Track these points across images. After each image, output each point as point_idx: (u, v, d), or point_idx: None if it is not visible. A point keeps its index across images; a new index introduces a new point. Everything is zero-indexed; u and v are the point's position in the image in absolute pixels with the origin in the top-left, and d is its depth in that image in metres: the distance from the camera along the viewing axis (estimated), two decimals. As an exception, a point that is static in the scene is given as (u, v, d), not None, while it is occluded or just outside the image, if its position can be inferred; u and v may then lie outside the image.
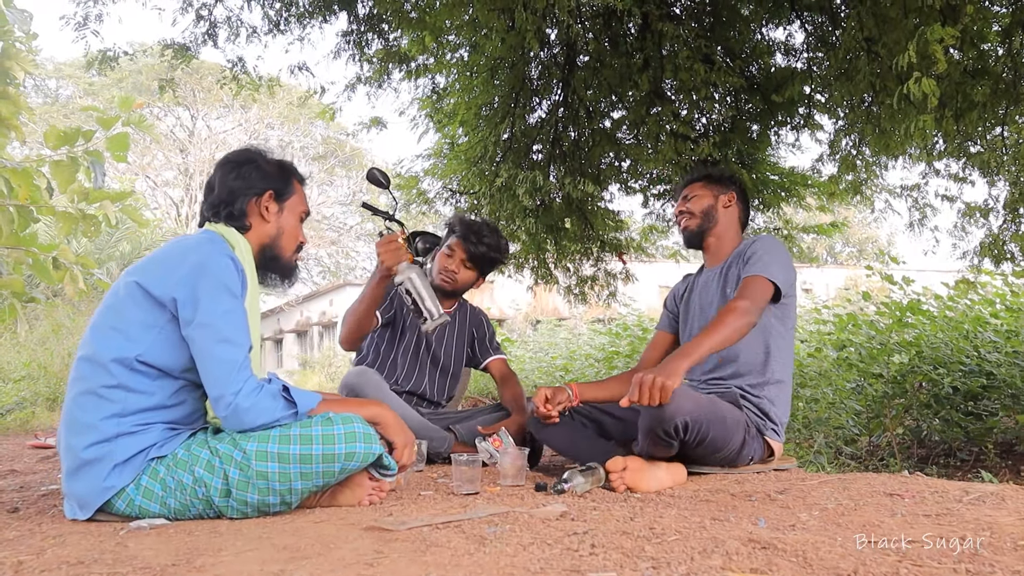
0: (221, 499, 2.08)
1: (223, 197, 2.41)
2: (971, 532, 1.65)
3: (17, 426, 6.71)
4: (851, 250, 34.87)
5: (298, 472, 2.07)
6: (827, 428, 4.90)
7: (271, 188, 2.45)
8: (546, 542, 1.66)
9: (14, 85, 3.38)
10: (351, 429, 2.13)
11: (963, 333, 5.54)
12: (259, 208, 2.43)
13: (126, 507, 2.08)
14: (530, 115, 6.90)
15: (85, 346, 2.16)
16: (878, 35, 4.60)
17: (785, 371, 3.00)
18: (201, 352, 2.10)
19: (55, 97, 26.65)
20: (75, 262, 3.63)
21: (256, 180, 2.43)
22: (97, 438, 2.07)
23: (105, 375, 2.08)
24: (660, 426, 2.52)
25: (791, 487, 2.38)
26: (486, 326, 4.01)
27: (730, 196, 3.24)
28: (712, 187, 3.26)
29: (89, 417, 2.08)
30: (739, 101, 6.50)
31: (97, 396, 2.08)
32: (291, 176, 2.53)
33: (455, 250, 3.73)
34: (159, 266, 2.18)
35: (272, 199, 2.45)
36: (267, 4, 6.45)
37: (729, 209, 3.24)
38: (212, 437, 2.16)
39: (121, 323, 2.13)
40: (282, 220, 2.48)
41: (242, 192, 2.41)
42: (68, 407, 2.15)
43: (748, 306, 2.73)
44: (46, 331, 10.35)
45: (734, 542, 1.60)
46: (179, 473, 2.08)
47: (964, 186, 6.84)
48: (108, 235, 16.18)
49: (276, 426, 2.12)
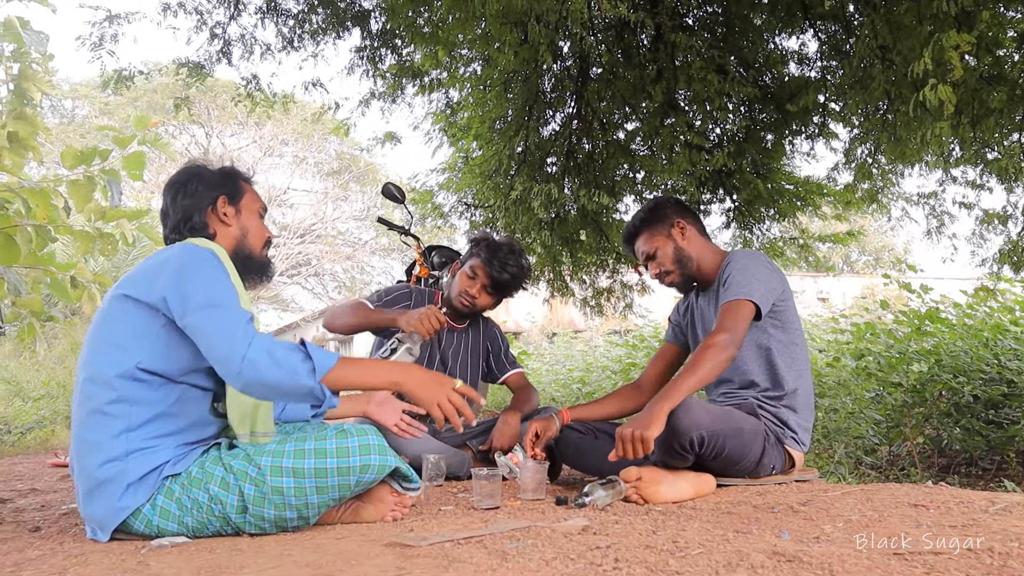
0: (238, 515, 2.07)
1: (179, 217, 2.44)
2: (998, 543, 1.62)
3: (37, 444, 6.74)
4: (867, 259, 34.66)
5: (313, 487, 2.07)
6: (847, 438, 4.86)
7: (221, 194, 2.47)
8: (569, 557, 1.65)
9: (31, 106, 3.41)
10: (365, 441, 2.12)
11: (983, 341, 5.49)
12: (217, 215, 2.45)
13: (144, 527, 2.08)
14: (544, 128, 6.91)
15: (85, 367, 2.16)
16: (892, 43, 4.58)
17: (799, 378, 2.95)
18: (201, 329, 2.04)
19: (71, 117, 26.86)
20: (93, 281, 3.65)
21: (204, 192, 2.46)
22: (108, 457, 2.06)
23: (108, 391, 2.08)
24: (675, 440, 2.51)
25: (814, 498, 2.36)
26: (500, 340, 3.98)
27: (679, 225, 3.10)
28: (657, 229, 3.12)
29: (98, 436, 2.08)
30: (753, 111, 6.48)
31: (103, 414, 2.08)
32: (236, 178, 2.56)
33: (477, 274, 3.64)
34: (143, 275, 2.18)
35: (226, 203, 2.47)
36: (281, 22, 6.49)
37: (688, 235, 3.11)
38: (226, 454, 2.14)
39: (116, 337, 2.13)
40: (243, 220, 2.50)
41: (195, 207, 2.44)
42: (76, 430, 2.15)
43: (726, 339, 2.67)
44: (65, 350, 10.41)
45: (758, 555, 1.58)
46: (194, 492, 2.08)
47: (982, 193, 6.78)
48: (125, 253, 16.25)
49: (296, 388, 2.01)
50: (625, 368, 8.29)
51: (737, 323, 2.74)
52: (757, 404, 2.87)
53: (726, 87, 5.47)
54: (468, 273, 3.66)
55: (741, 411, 2.78)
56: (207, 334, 2.04)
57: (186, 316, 2.06)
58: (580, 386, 8.68)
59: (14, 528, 2.42)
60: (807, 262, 7.88)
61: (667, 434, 2.52)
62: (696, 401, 2.60)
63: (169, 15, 6.47)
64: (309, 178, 30.78)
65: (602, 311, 8.07)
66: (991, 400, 4.97)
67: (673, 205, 3.17)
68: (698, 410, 2.53)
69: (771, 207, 6.97)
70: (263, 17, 6.51)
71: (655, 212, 3.13)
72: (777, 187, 6.77)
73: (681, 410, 2.52)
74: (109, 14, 6.43)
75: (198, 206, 2.43)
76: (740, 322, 2.75)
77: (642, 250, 3.15)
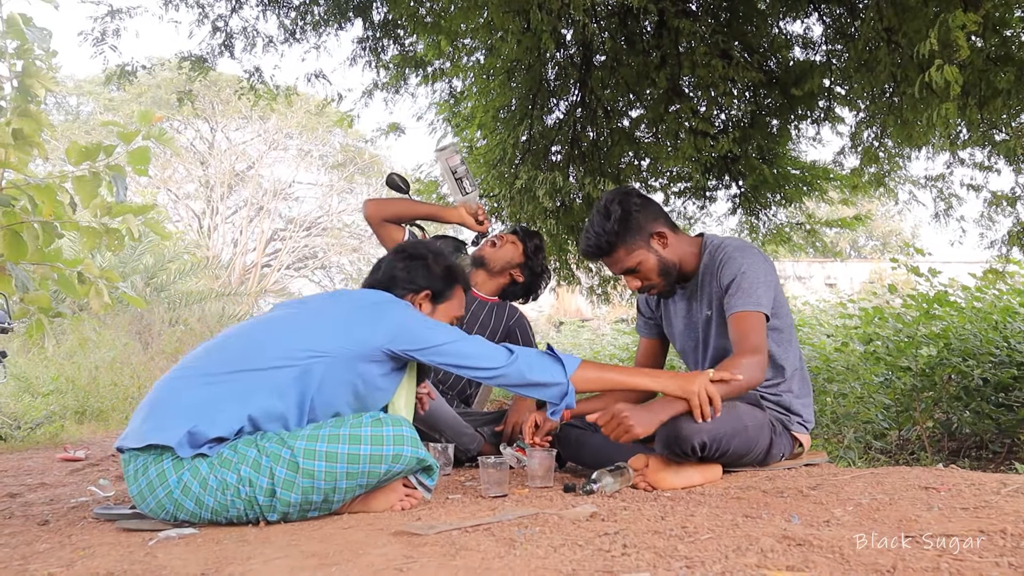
0: (265, 498, 2.07)
1: (385, 280, 2.61)
2: (1011, 524, 1.61)
3: (46, 439, 6.76)
4: (875, 243, 34.55)
5: (344, 472, 2.08)
6: (856, 423, 4.85)
7: (430, 289, 2.61)
8: (577, 543, 1.64)
9: (35, 103, 3.40)
10: (400, 432, 2.14)
11: (992, 324, 5.46)
12: (416, 303, 2.58)
13: (164, 498, 2.07)
14: (548, 116, 6.90)
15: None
16: (898, 24, 4.55)
17: (794, 359, 2.90)
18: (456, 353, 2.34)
19: (76, 114, 26.87)
20: (100, 276, 3.65)
21: (419, 278, 2.61)
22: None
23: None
24: (677, 446, 2.48)
25: (823, 482, 2.35)
26: (520, 334, 4.05)
27: (658, 234, 2.87)
28: (635, 243, 2.86)
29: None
30: (758, 96, 6.46)
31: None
32: (455, 282, 2.68)
33: (504, 239, 3.96)
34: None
35: (428, 299, 2.61)
36: (283, 13, 6.49)
37: (668, 242, 2.89)
38: (260, 436, 2.14)
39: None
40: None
41: (402, 284, 2.59)
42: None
43: (756, 362, 2.60)
44: (73, 345, 10.43)
45: (768, 540, 1.57)
46: (223, 472, 2.06)
47: (990, 175, 6.77)
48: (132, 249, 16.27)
49: (550, 385, 2.34)
50: (632, 355, 8.27)
51: (761, 341, 2.66)
52: (760, 395, 2.84)
53: (731, 72, 5.44)
54: (512, 245, 3.99)
55: (745, 403, 2.73)
56: (466, 356, 2.34)
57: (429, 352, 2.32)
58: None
59: (23, 522, 2.42)
60: (814, 247, 7.85)
61: (669, 439, 2.49)
62: None
63: (171, 9, 6.48)
64: (314, 171, 30.79)
65: (609, 299, 8.05)
66: (1001, 383, 4.94)
67: (642, 209, 2.88)
68: None
69: (777, 192, 6.95)
70: (265, 9, 6.51)
71: (628, 223, 2.83)
72: (783, 172, 6.75)
73: (683, 417, 2.48)
74: (111, 9, 6.44)
75: (405, 285, 2.59)
76: (759, 334, 2.68)
77: (621, 265, 2.90)
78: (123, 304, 3.66)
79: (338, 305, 2.42)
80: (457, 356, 2.32)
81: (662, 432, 2.52)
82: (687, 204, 7.46)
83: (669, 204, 7.50)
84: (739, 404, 2.70)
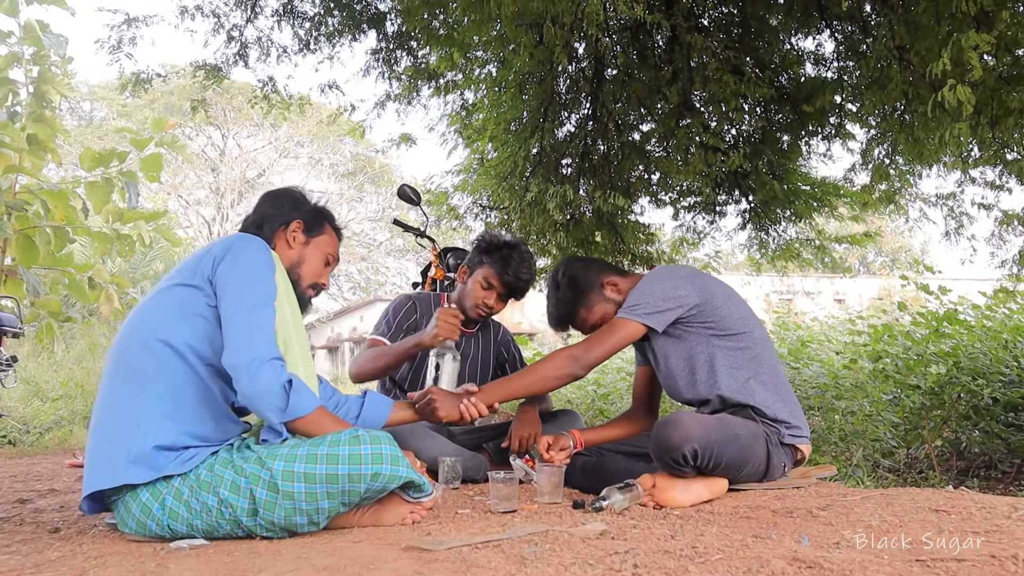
0: (248, 519, 2.08)
1: (254, 220, 2.55)
2: (1022, 550, 1.61)
3: (55, 445, 6.78)
4: (884, 260, 34.48)
5: (324, 492, 2.07)
6: (865, 441, 4.83)
7: (301, 219, 2.56)
8: (587, 562, 1.64)
9: (50, 108, 3.44)
10: (378, 450, 2.12)
11: (1002, 343, 5.45)
12: (286, 235, 2.54)
13: (157, 527, 2.10)
14: (559, 129, 6.90)
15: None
16: (910, 43, 4.55)
17: (754, 368, 2.84)
18: (233, 324, 2.18)
19: (89, 119, 27.04)
20: (110, 281, 3.67)
21: (288, 209, 2.57)
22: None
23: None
24: (668, 455, 2.48)
25: (833, 503, 2.34)
26: (514, 348, 4.04)
27: (609, 282, 3.08)
28: (592, 300, 3.07)
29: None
30: (769, 112, 6.46)
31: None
32: (325, 219, 2.65)
33: (492, 284, 3.62)
34: (193, 262, 2.31)
35: (300, 229, 2.55)
36: (297, 24, 6.53)
37: (620, 285, 3.08)
38: (237, 456, 2.15)
39: (162, 310, 2.28)
40: (306, 251, 2.57)
41: (273, 218, 2.54)
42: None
43: (572, 358, 2.78)
44: (82, 350, 10.47)
45: (779, 561, 1.57)
46: (203, 495, 2.08)
47: (1001, 194, 6.73)
48: (142, 254, 16.35)
49: (266, 416, 2.14)
50: (630, 361, 8.25)
51: (602, 342, 2.81)
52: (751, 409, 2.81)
53: (742, 88, 5.44)
54: (482, 284, 3.64)
55: (738, 416, 2.73)
56: (236, 333, 2.15)
57: (223, 302, 2.19)
58: (595, 387, 8.66)
59: (34, 529, 2.43)
60: (823, 263, 7.83)
61: (660, 448, 2.50)
62: (686, 414, 2.58)
63: (187, 18, 6.52)
64: (324, 179, 30.90)
65: (616, 312, 8.04)
66: (1011, 403, 4.92)
67: (586, 268, 3.13)
68: (688, 422, 2.50)
69: (787, 208, 6.94)
70: (280, 20, 6.55)
71: (577, 286, 3.08)
72: (793, 188, 6.74)
73: (670, 425, 2.49)
74: (127, 17, 6.49)
75: (275, 218, 2.54)
76: (608, 340, 2.81)
77: (588, 324, 3.09)
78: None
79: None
80: (233, 322, 2.16)
81: (653, 443, 2.54)
82: (697, 219, 7.46)
83: (679, 219, 7.50)
84: (730, 416, 2.72)
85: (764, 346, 2.92)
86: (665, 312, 2.82)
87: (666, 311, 2.82)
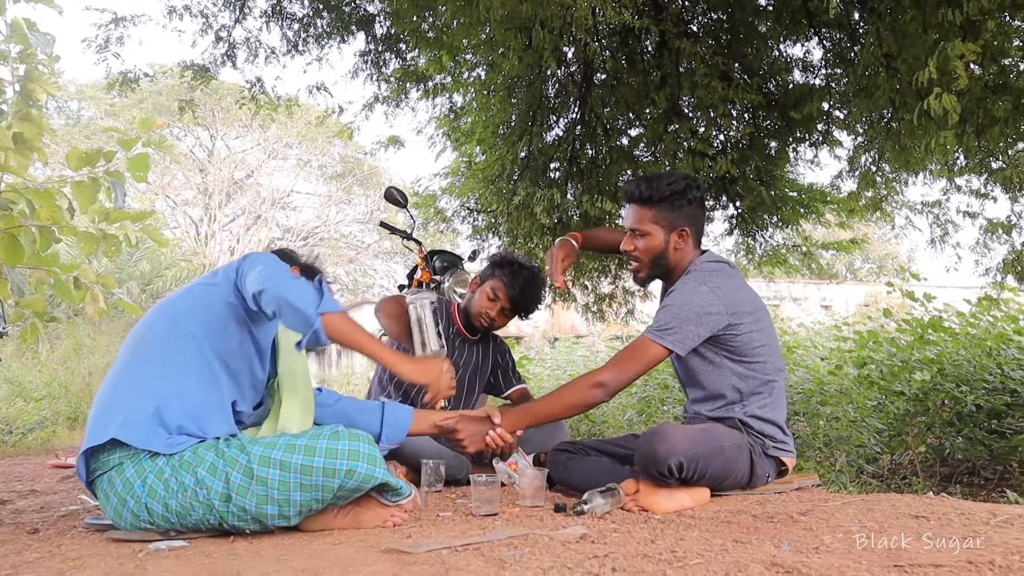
0: (221, 503, 2.09)
1: None
2: (1000, 556, 1.61)
3: (38, 445, 6.75)
4: (871, 266, 34.61)
5: (297, 482, 2.09)
6: (848, 447, 4.85)
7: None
8: (566, 566, 1.64)
9: (37, 107, 3.41)
10: (355, 447, 2.14)
11: (986, 350, 5.47)
12: None
13: (135, 505, 2.11)
14: (547, 133, 6.90)
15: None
16: (897, 51, 4.58)
17: (763, 397, 2.81)
18: (255, 268, 2.37)
19: (77, 118, 26.88)
20: (96, 282, 3.64)
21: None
22: None
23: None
24: (654, 467, 2.48)
25: (813, 508, 2.35)
26: (508, 356, 4.08)
27: (681, 231, 2.92)
28: (663, 215, 2.90)
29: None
30: (757, 118, 6.48)
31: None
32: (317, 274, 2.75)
33: (498, 296, 3.73)
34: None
35: None
36: (286, 25, 6.51)
37: (682, 246, 2.94)
38: (222, 442, 2.18)
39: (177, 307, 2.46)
40: None
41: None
42: None
43: (600, 384, 2.67)
44: (67, 350, 10.41)
45: (757, 567, 1.58)
46: (182, 474, 2.10)
47: (986, 202, 6.78)
48: (128, 255, 16.28)
49: (300, 312, 2.21)
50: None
51: (628, 367, 2.70)
52: (739, 419, 2.79)
53: (730, 94, 5.47)
54: (489, 295, 3.75)
55: (723, 425, 2.73)
56: (258, 269, 2.33)
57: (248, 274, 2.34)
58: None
59: (13, 530, 2.42)
60: (810, 269, 7.85)
61: (646, 460, 2.50)
62: (672, 425, 2.57)
63: (175, 18, 6.49)
64: (313, 181, 30.83)
65: (604, 317, 8.05)
66: (994, 410, 4.94)
67: (697, 202, 2.92)
68: (675, 435, 2.49)
69: (774, 214, 6.96)
70: (268, 21, 6.53)
71: (677, 197, 2.88)
72: (780, 194, 6.75)
73: (657, 437, 2.48)
74: (115, 16, 6.45)
75: None
76: (633, 367, 2.70)
77: (635, 217, 2.93)
78: (118, 310, 3.65)
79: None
80: (255, 260, 2.38)
81: (639, 455, 2.54)
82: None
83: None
84: (717, 426, 2.71)
85: (777, 375, 2.86)
86: (693, 339, 2.71)
87: (695, 337, 2.71)
